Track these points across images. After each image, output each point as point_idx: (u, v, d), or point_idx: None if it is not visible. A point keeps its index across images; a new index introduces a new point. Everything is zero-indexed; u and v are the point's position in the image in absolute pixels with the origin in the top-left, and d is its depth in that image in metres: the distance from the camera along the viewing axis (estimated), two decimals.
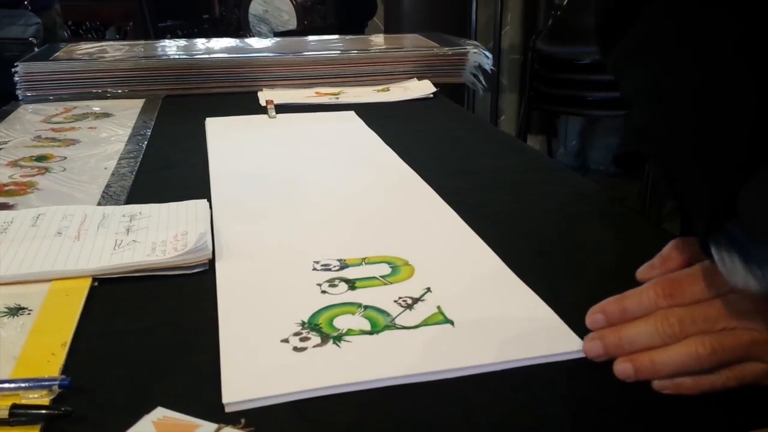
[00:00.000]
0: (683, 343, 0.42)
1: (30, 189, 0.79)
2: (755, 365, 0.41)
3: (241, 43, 1.58)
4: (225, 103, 1.21)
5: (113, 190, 0.78)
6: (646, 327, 0.43)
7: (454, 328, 0.49)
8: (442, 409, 0.41)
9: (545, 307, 0.52)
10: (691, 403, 0.41)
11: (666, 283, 0.45)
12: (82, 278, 0.57)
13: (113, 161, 0.89)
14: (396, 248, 0.62)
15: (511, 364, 0.45)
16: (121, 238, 0.63)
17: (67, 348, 0.47)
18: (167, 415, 0.40)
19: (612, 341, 0.44)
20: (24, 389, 0.42)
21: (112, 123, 1.09)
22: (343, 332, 0.49)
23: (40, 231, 0.65)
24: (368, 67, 1.35)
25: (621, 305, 0.45)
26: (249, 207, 0.72)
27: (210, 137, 0.99)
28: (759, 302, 0.41)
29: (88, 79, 1.27)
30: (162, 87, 1.29)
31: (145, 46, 1.56)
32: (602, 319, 0.45)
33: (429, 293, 0.54)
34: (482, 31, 3.03)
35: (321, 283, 0.56)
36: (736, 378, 0.41)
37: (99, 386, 0.43)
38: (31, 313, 0.52)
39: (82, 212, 0.69)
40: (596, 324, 0.46)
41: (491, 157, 0.90)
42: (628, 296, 0.46)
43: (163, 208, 0.70)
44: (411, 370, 0.44)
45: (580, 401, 0.42)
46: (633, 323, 0.44)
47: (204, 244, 0.61)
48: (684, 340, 0.42)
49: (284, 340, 0.48)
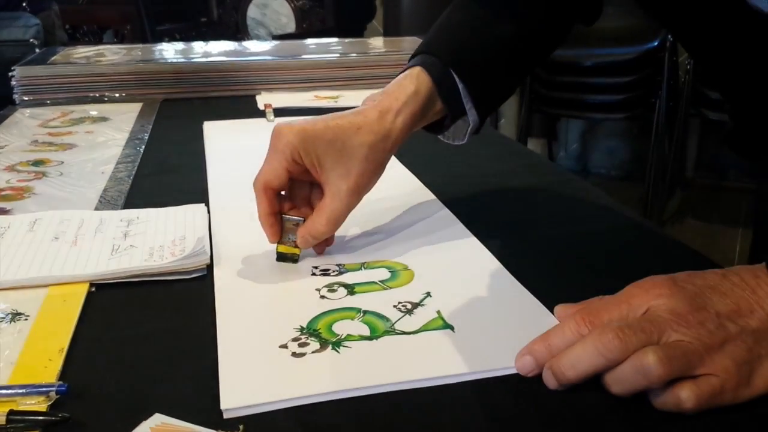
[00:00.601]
0: (633, 357, 0.41)
1: (27, 194, 0.79)
2: (712, 378, 0.40)
3: (239, 47, 1.58)
4: (223, 106, 1.21)
5: (110, 195, 0.78)
6: (583, 349, 0.42)
7: (455, 333, 0.49)
8: (442, 415, 0.41)
9: (546, 312, 0.51)
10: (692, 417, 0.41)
11: (584, 313, 0.45)
12: (80, 284, 0.56)
13: (110, 165, 0.89)
14: (395, 253, 0.62)
15: (512, 370, 0.45)
16: (118, 243, 0.63)
17: (65, 354, 0.47)
18: (165, 422, 0.40)
19: (554, 368, 0.43)
20: (21, 395, 0.42)
21: (109, 127, 1.09)
22: (342, 338, 0.48)
23: (37, 236, 0.64)
24: (367, 71, 1.35)
25: (546, 343, 0.44)
26: (247, 212, 0.72)
27: (208, 141, 0.99)
28: (679, 315, 0.41)
29: (85, 83, 1.27)
30: (160, 91, 1.28)
31: (142, 49, 1.56)
32: (531, 360, 0.44)
33: (429, 298, 0.54)
34: None
35: (320, 288, 0.56)
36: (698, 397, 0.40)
37: (97, 392, 0.43)
38: (28, 319, 0.51)
39: (79, 217, 0.69)
40: (526, 367, 0.44)
41: (491, 160, 0.90)
42: (550, 333, 0.45)
43: (160, 212, 0.70)
44: (411, 375, 0.44)
45: (581, 406, 0.41)
46: (571, 348, 0.43)
47: (202, 249, 0.60)
48: (632, 355, 0.41)
49: (283, 345, 0.47)
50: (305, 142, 0.58)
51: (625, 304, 0.44)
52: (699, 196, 2.93)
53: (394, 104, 0.61)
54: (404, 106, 0.61)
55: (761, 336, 0.42)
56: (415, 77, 0.62)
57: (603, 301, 0.46)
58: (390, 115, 0.61)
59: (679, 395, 0.40)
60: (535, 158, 0.96)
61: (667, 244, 0.66)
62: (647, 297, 0.44)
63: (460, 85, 0.63)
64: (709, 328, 0.41)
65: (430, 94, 0.62)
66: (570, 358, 0.42)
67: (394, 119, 0.61)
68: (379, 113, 0.61)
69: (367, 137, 0.59)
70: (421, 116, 0.63)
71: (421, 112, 0.63)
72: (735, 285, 0.44)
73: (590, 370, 0.42)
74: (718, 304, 0.42)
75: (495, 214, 0.72)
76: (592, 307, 0.45)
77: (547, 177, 0.85)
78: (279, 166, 0.58)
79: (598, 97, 2.59)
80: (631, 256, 0.63)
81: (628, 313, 0.44)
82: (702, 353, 0.40)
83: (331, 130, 0.59)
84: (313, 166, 0.59)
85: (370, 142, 0.59)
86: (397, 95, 0.62)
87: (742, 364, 0.41)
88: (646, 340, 0.41)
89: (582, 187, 0.81)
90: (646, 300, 0.44)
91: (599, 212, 0.74)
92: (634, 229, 0.70)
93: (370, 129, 0.60)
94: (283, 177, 0.58)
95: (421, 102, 0.62)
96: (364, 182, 0.60)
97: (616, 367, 0.41)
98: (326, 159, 0.58)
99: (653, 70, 2.48)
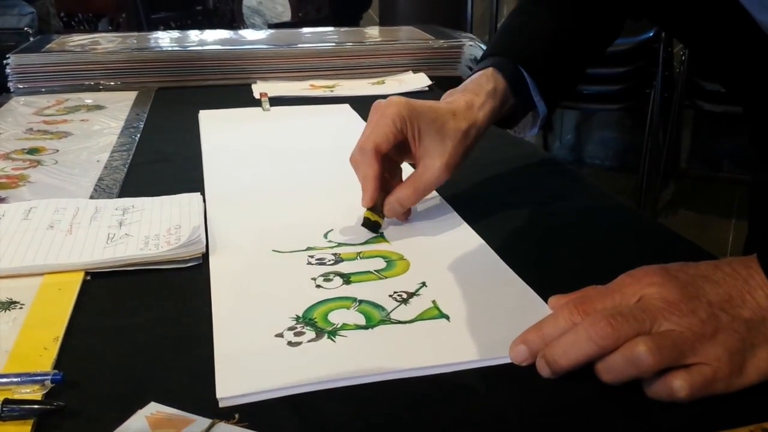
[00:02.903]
0: (624, 347, 0.41)
1: (22, 182, 0.79)
2: (705, 367, 0.40)
3: (234, 35, 1.57)
4: (218, 95, 1.21)
5: (106, 183, 0.78)
6: (576, 336, 0.42)
7: (450, 322, 0.49)
8: (437, 404, 0.41)
9: (541, 301, 0.51)
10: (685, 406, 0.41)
11: (578, 302, 0.45)
12: (75, 272, 0.56)
13: (106, 154, 0.89)
14: (391, 242, 0.62)
15: (507, 359, 0.45)
16: (113, 232, 0.63)
17: (60, 342, 0.47)
18: (160, 410, 0.40)
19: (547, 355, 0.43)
20: (16, 384, 0.42)
21: (104, 115, 1.08)
22: (338, 327, 0.48)
23: (32, 224, 0.64)
24: (363, 60, 1.35)
25: (540, 332, 0.44)
26: (243, 200, 0.72)
27: (203, 130, 0.99)
28: (672, 304, 0.42)
29: (80, 71, 1.26)
30: (155, 79, 1.28)
31: (138, 37, 1.55)
32: (524, 350, 0.44)
33: (424, 288, 0.54)
34: (478, 23, 3.02)
35: (316, 278, 0.56)
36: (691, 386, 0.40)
37: (92, 381, 0.43)
38: (23, 308, 0.51)
39: (75, 205, 0.69)
40: (520, 356, 0.44)
41: (487, 150, 0.89)
42: (544, 322, 0.45)
43: (156, 201, 0.70)
44: (406, 365, 0.44)
45: (575, 396, 0.42)
46: (563, 336, 0.43)
47: (197, 237, 0.60)
48: (623, 345, 0.41)
49: (279, 334, 0.48)
50: (412, 115, 0.63)
51: (618, 293, 0.45)
52: (692, 186, 2.94)
53: (477, 99, 0.67)
54: (486, 101, 0.67)
55: (753, 326, 0.42)
56: (490, 76, 0.69)
57: (596, 290, 0.46)
58: (475, 107, 0.67)
59: (671, 385, 0.40)
60: (530, 148, 0.96)
61: (660, 234, 0.66)
62: (640, 286, 0.44)
63: (529, 80, 0.69)
64: (701, 317, 0.41)
65: (504, 90, 0.69)
66: (562, 346, 0.42)
67: (478, 111, 0.66)
68: (466, 104, 0.66)
69: (462, 123, 0.65)
70: (499, 110, 0.69)
71: (499, 106, 0.69)
72: (727, 275, 0.44)
73: (582, 358, 0.42)
74: (711, 293, 0.43)
75: (490, 204, 0.72)
76: (586, 297, 0.45)
77: (542, 167, 0.85)
78: (388, 131, 0.62)
79: (593, 88, 2.59)
80: (624, 246, 0.63)
81: (621, 301, 0.44)
82: (694, 342, 0.41)
83: (433, 110, 0.64)
84: (413, 138, 0.63)
85: (464, 128, 0.65)
86: (477, 91, 0.68)
87: (735, 353, 0.41)
88: (639, 328, 0.41)
89: (576, 178, 0.81)
90: (639, 289, 0.44)
91: (593, 202, 0.74)
92: (627, 219, 0.70)
93: (463, 116, 0.65)
94: (391, 141, 0.62)
95: (499, 98, 0.68)
96: (455, 162, 0.65)
97: (607, 355, 0.41)
98: (426, 134, 0.63)
99: (648, 61, 2.48)
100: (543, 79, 0.70)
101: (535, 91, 0.70)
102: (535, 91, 0.70)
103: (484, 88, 0.68)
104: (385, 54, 1.36)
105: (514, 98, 0.70)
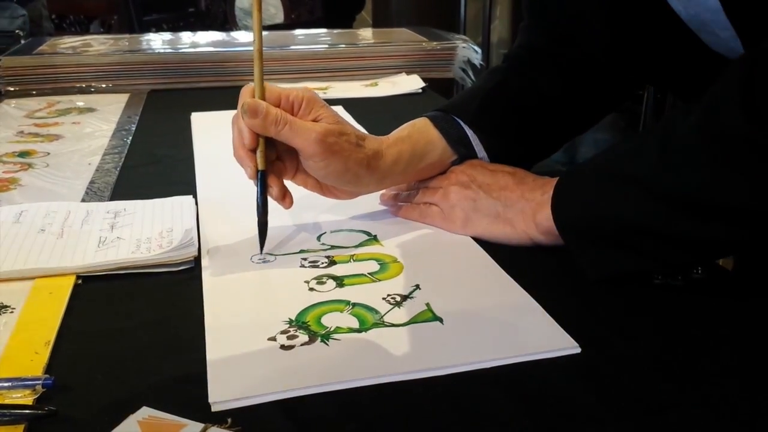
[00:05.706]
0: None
1: (13, 185, 0.78)
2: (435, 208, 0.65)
3: (227, 37, 1.57)
4: (211, 97, 1.20)
5: (97, 186, 0.77)
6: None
7: (443, 325, 0.49)
8: (430, 407, 0.41)
9: (535, 304, 0.51)
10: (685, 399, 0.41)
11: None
12: (66, 276, 0.56)
13: (97, 157, 0.88)
14: (384, 245, 0.62)
15: (501, 362, 0.45)
16: (105, 235, 0.62)
17: (51, 347, 0.46)
18: (153, 415, 0.39)
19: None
20: (7, 389, 0.41)
21: (96, 118, 1.08)
22: (331, 330, 0.48)
23: (23, 228, 0.64)
24: (356, 62, 1.35)
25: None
26: (235, 203, 0.72)
27: (196, 132, 0.99)
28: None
29: (71, 73, 1.26)
30: (147, 81, 1.27)
31: (129, 39, 1.55)
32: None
33: (418, 290, 0.54)
34: (471, 25, 3.02)
35: (309, 281, 0.56)
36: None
37: (83, 385, 0.43)
38: (14, 312, 0.51)
39: (66, 209, 0.68)
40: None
41: None
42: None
43: (147, 204, 0.70)
44: (400, 368, 0.44)
45: (570, 399, 0.42)
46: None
47: (190, 241, 0.60)
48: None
49: (271, 338, 0.47)
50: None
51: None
52: None
53: (387, 140, 0.67)
54: (395, 141, 0.67)
55: (509, 203, 0.61)
56: (414, 123, 0.69)
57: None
58: (384, 142, 0.66)
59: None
60: None
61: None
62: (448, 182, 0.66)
63: (468, 131, 0.70)
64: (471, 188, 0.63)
65: (428, 138, 0.68)
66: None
67: (383, 143, 0.66)
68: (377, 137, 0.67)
69: (365, 141, 0.65)
70: (411, 152, 0.67)
71: (411, 149, 0.67)
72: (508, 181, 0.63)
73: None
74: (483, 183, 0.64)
75: None
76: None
77: (535, 169, 0.85)
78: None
79: None
80: None
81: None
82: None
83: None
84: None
85: (355, 141, 0.63)
86: (395, 134, 0.69)
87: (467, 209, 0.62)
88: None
89: None
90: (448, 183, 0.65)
91: None
92: None
93: (369, 139, 0.65)
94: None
95: (413, 142, 0.67)
96: (329, 138, 0.61)
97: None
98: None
99: None
100: (479, 130, 0.70)
101: (476, 142, 0.69)
102: (476, 141, 0.69)
103: (402, 131, 0.68)
104: (378, 56, 1.36)
105: (454, 147, 0.69)
